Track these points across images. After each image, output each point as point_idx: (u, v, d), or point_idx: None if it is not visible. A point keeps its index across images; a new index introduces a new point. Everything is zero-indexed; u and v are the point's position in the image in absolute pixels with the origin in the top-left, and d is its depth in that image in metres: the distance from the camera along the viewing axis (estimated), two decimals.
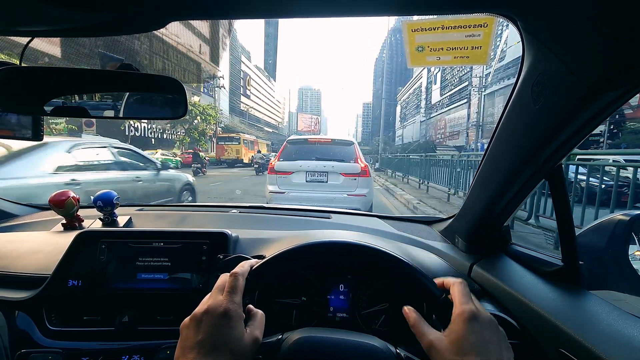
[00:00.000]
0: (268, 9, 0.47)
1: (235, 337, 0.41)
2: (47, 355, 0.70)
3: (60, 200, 1.02)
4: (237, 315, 0.43)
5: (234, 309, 0.43)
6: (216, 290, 0.47)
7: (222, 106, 49.72)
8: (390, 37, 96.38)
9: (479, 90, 35.89)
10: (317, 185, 4.47)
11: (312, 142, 4.91)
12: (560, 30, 0.44)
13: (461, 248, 0.95)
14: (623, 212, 0.69)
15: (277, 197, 4.47)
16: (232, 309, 0.43)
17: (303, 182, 4.48)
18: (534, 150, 0.60)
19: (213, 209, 1.35)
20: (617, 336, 0.51)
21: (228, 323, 0.42)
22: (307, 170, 4.49)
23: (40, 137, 0.83)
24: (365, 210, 4.35)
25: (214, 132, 30.18)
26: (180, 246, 0.78)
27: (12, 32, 0.56)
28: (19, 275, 0.80)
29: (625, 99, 0.46)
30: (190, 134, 26.31)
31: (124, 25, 0.53)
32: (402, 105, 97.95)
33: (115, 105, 0.71)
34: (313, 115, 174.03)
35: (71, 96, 0.70)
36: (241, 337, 0.42)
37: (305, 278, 0.79)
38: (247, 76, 79.02)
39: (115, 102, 0.71)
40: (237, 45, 71.70)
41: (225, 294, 0.45)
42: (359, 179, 4.40)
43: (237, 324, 0.42)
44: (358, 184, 4.38)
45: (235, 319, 0.42)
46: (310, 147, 4.79)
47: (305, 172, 4.50)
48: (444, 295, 0.52)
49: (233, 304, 0.43)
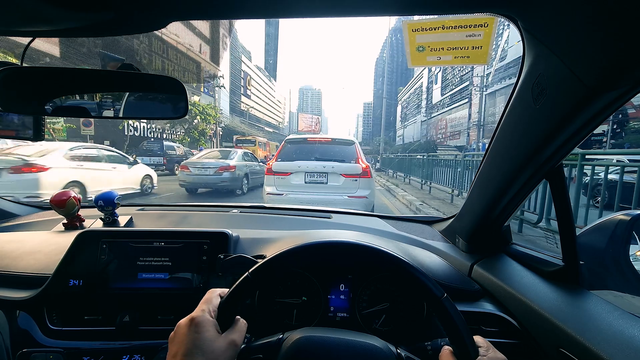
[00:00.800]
0: (269, 9, 0.47)
1: (206, 340, 0.44)
2: (48, 355, 0.70)
3: (61, 200, 1.03)
4: (204, 321, 0.46)
5: (200, 315, 0.46)
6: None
7: (223, 106, 49.66)
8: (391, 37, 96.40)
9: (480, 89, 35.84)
10: (316, 186, 4.25)
11: (311, 142, 4.65)
12: (560, 30, 0.44)
13: (462, 248, 0.95)
14: (624, 212, 0.69)
15: (275, 199, 4.23)
16: (198, 316, 0.46)
17: (302, 184, 4.26)
18: (534, 150, 0.60)
19: (214, 208, 1.35)
20: (618, 336, 0.51)
21: (196, 329, 0.44)
22: (307, 171, 4.26)
23: (41, 137, 0.83)
24: (366, 210, 3.93)
25: (213, 131, 30.29)
26: (181, 246, 0.78)
27: (14, 32, 0.56)
28: (20, 274, 0.80)
29: (626, 99, 0.46)
30: (190, 134, 26.25)
31: (125, 26, 0.53)
32: (403, 105, 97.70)
33: (116, 105, 0.71)
34: (314, 115, 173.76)
35: (72, 96, 0.70)
36: (213, 340, 0.44)
37: (306, 278, 0.79)
38: (248, 76, 79.02)
39: (116, 102, 0.71)
40: (237, 45, 71.64)
41: (197, 307, 0.48)
42: (360, 180, 4.16)
43: (205, 329, 0.45)
44: (359, 186, 4.17)
45: (202, 324, 0.45)
46: (309, 147, 4.53)
47: (304, 172, 4.27)
48: (445, 295, 0.52)
49: (201, 312, 0.47)
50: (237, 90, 70.40)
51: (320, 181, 4.24)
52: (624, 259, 0.66)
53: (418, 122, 75.91)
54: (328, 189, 4.22)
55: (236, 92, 68.97)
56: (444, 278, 0.79)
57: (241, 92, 73.32)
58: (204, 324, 0.45)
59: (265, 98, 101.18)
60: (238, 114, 65.32)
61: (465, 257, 0.90)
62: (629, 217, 0.67)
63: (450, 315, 0.48)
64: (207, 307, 0.48)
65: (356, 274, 0.79)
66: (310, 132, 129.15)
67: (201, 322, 0.45)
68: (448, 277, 0.80)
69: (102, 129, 21.76)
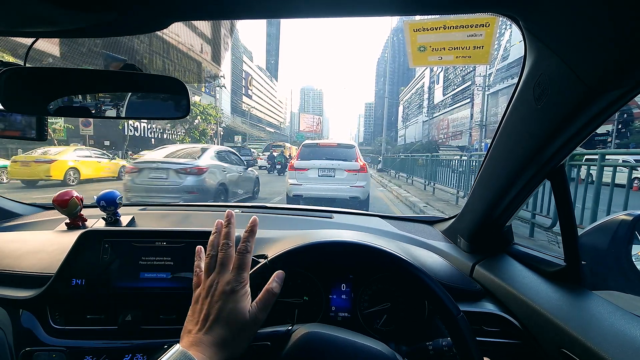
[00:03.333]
0: (270, 9, 0.47)
1: (238, 312, 0.44)
2: (51, 354, 0.71)
3: (63, 200, 1.03)
4: (242, 292, 0.45)
5: (240, 285, 0.46)
6: (219, 266, 0.48)
7: (224, 106, 49.56)
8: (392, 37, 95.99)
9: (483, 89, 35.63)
10: (326, 179, 5.78)
11: (322, 146, 6.47)
12: (562, 30, 0.44)
13: (463, 248, 0.95)
14: (626, 212, 0.68)
15: (296, 188, 5.82)
16: (238, 285, 0.45)
17: (316, 177, 5.81)
18: (536, 150, 0.60)
19: (215, 208, 1.36)
20: (620, 336, 0.50)
21: (234, 298, 0.44)
22: (319, 168, 5.81)
23: (44, 137, 0.84)
24: (363, 197, 5.72)
25: (214, 131, 30.32)
26: (183, 245, 0.79)
27: (17, 32, 0.57)
28: (23, 274, 0.80)
29: (628, 99, 0.46)
30: (191, 134, 26.27)
31: (127, 26, 0.53)
32: (405, 105, 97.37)
33: (118, 105, 0.71)
34: (315, 116, 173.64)
35: (75, 96, 0.71)
36: (244, 312, 0.45)
37: (307, 278, 0.79)
38: (249, 76, 78.87)
39: (118, 102, 0.71)
40: (239, 45, 71.61)
41: (233, 270, 0.47)
42: (359, 174, 5.72)
43: (242, 298, 0.45)
44: (358, 178, 5.70)
45: (240, 294, 0.45)
46: (321, 150, 6.23)
47: (317, 169, 5.82)
48: (461, 314, 0.52)
49: (239, 281, 0.46)
50: (239, 90, 70.24)
51: (329, 175, 5.81)
52: (626, 259, 0.66)
53: (420, 122, 75.69)
54: (335, 181, 5.75)
55: (237, 92, 68.80)
56: (445, 278, 0.79)
57: (242, 92, 73.11)
58: (243, 295, 0.46)
59: (266, 98, 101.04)
60: (240, 114, 65.17)
61: (466, 257, 0.90)
62: (631, 217, 0.67)
63: (464, 335, 0.49)
64: (239, 273, 0.47)
65: (357, 274, 0.79)
66: (311, 133, 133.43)
67: (240, 292, 0.45)
68: (449, 277, 0.80)
69: (103, 129, 21.61)
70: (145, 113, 0.79)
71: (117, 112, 0.71)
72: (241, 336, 0.44)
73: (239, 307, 0.45)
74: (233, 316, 0.44)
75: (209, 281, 0.47)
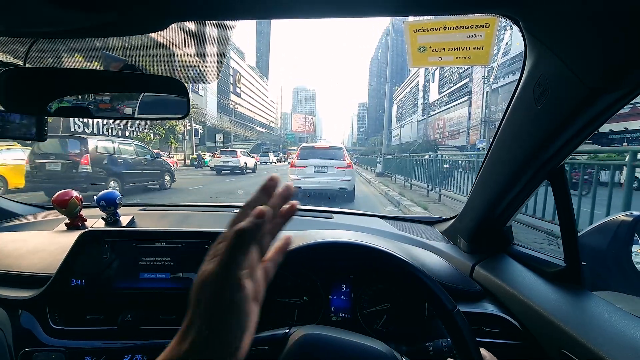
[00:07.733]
0: (270, 9, 0.47)
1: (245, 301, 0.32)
2: (50, 354, 0.70)
3: (63, 200, 1.03)
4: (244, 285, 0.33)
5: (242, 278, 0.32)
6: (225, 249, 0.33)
7: (210, 104, 48.00)
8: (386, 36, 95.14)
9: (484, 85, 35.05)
10: (320, 174, 7.16)
11: (317, 148, 7.96)
12: (561, 30, 0.44)
13: (463, 248, 0.95)
14: (626, 213, 0.69)
15: (296, 182, 6.94)
16: (239, 279, 0.32)
17: (312, 173, 7.19)
18: (536, 150, 0.60)
19: (215, 208, 1.36)
20: (620, 337, 0.50)
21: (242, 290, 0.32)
22: (315, 165, 7.20)
23: (44, 137, 0.83)
24: (350, 188, 7.13)
25: (187, 129, 27.27)
26: (182, 246, 0.79)
27: (16, 32, 0.57)
28: (22, 274, 0.80)
29: (628, 100, 0.46)
30: (156, 131, 23.52)
31: (126, 26, 0.53)
32: (399, 104, 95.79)
33: (118, 105, 0.71)
34: (307, 116, 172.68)
35: (75, 96, 0.71)
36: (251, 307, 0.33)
37: (307, 278, 0.79)
38: (237, 73, 74.61)
39: (118, 102, 0.71)
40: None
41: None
42: (346, 170, 7.20)
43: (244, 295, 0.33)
44: (345, 173, 7.16)
45: (242, 289, 0.32)
46: (316, 151, 7.65)
47: (313, 166, 7.21)
48: (457, 308, 0.51)
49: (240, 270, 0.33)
50: (226, 87, 66.56)
51: (323, 171, 7.19)
52: (626, 259, 0.66)
53: (415, 121, 74.66)
54: (327, 175, 7.16)
55: (225, 89, 65.72)
56: (445, 278, 0.79)
57: (230, 90, 69.48)
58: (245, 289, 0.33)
59: (257, 97, 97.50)
60: (228, 113, 62.03)
61: (466, 258, 0.90)
62: (631, 218, 0.67)
63: (460, 329, 0.48)
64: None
65: (357, 274, 0.79)
66: (304, 133, 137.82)
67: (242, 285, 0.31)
68: (449, 278, 0.80)
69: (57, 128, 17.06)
70: (145, 113, 0.79)
71: (117, 112, 0.71)
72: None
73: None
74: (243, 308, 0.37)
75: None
